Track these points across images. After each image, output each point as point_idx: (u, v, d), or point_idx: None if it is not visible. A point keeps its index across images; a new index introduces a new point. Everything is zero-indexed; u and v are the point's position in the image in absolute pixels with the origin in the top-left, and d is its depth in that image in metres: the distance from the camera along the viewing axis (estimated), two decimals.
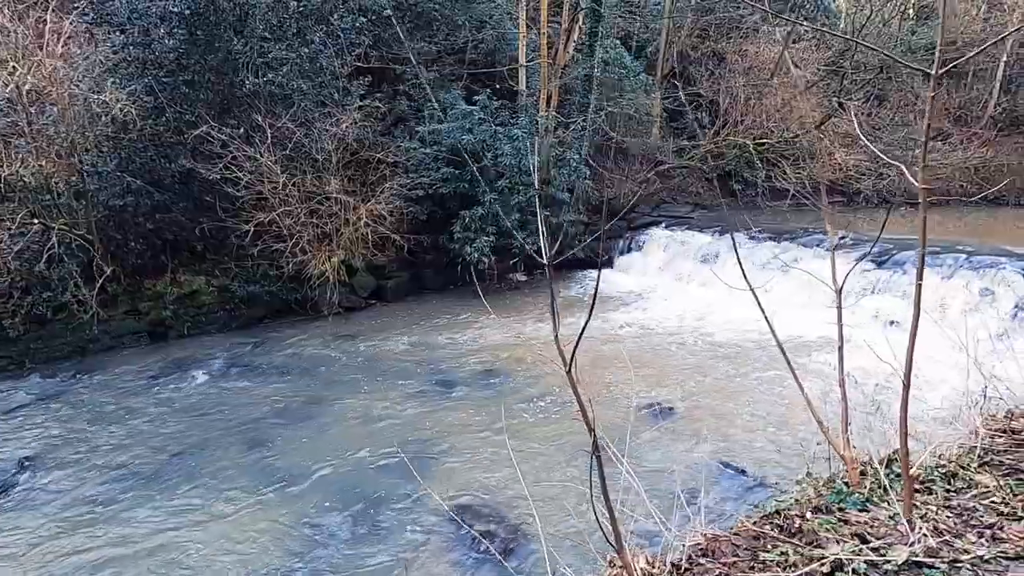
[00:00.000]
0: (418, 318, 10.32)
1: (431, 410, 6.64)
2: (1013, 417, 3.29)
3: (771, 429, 6.15)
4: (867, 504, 2.19)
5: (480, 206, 11.03)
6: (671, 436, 5.98)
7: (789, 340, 8.91)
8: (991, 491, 2.26)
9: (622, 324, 9.79)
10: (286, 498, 5.02)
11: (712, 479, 5.13)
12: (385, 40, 14.09)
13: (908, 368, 2.01)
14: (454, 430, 6.15)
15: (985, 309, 8.43)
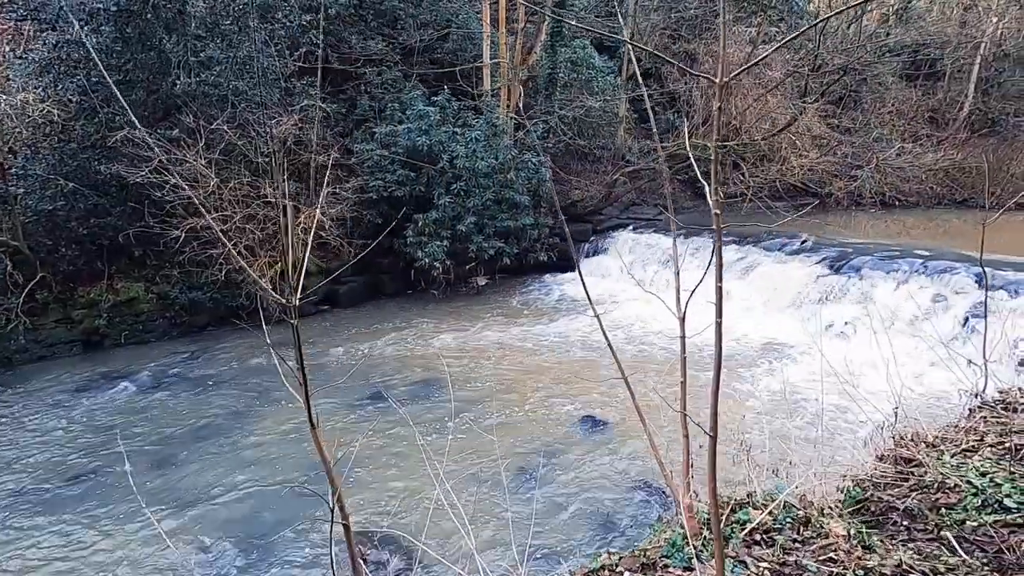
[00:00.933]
0: (369, 325, 10.06)
1: (357, 424, 6.39)
2: (905, 443, 3.09)
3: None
4: (692, 561, 1.98)
5: (435, 210, 10.78)
6: (600, 453, 5.77)
7: (736, 347, 8.76)
8: (838, 543, 2.05)
9: (575, 330, 9.58)
10: (181, 523, 4.75)
11: (626, 501, 4.92)
12: (345, 39, 13.82)
13: (714, 420, 1.79)
14: (375, 447, 5.90)
15: (938, 316, 8.29)
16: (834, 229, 15.24)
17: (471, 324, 9.96)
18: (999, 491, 2.26)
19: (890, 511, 2.47)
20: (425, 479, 5.38)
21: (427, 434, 6.24)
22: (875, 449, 3.63)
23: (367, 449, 5.87)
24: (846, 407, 6.55)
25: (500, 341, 9.11)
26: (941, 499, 2.37)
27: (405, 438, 6.13)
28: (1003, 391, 3.69)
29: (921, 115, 23.25)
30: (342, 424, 6.41)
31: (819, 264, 10.14)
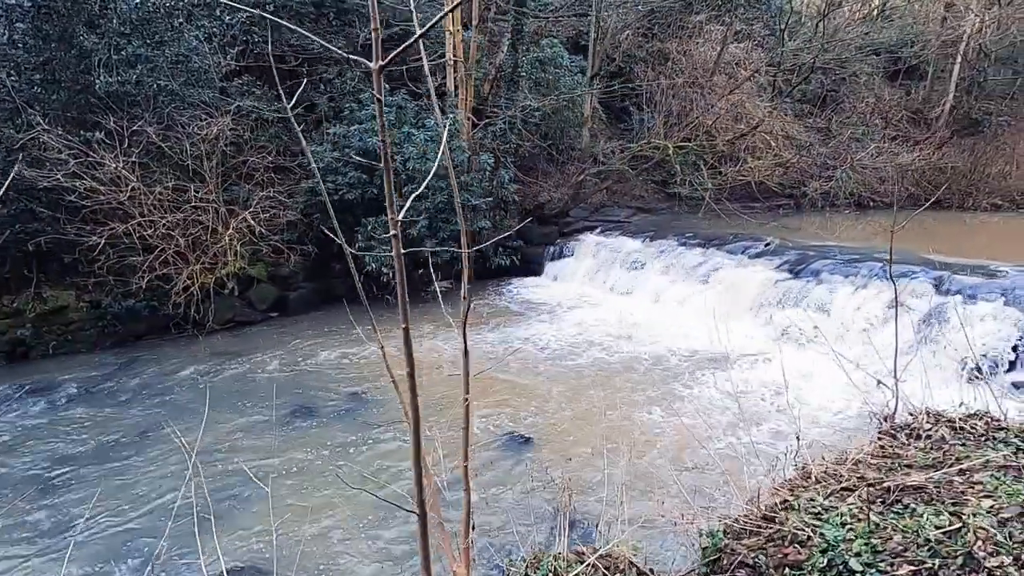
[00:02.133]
0: (315, 333, 9.71)
1: (270, 444, 6.04)
2: (793, 479, 2.78)
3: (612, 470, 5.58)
4: None
5: (384, 213, 10.42)
6: (518, 473, 5.44)
7: (686, 357, 8.45)
8: None
9: (525, 338, 9.25)
10: (52, 558, 4.39)
11: (537, 529, 4.59)
12: (303, 37, 13.47)
13: (419, 495, 1.46)
14: (283, 469, 5.56)
15: (894, 322, 8.00)
16: (813, 231, 14.99)
17: (419, 332, 9.62)
18: (850, 548, 1.95)
19: (741, 567, 2.15)
20: (322, 504, 5.05)
21: (337, 455, 5.90)
22: (773, 481, 3.32)
23: (272, 471, 5.54)
24: (786, 423, 6.25)
25: (444, 350, 8.78)
26: (791, 555, 2.05)
27: (315, 459, 5.79)
28: (915, 413, 3.38)
29: (903, 115, 23.11)
30: (256, 443, 6.05)
31: (779, 268, 9.86)
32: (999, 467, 2.33)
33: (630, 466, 5.06)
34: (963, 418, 3.04)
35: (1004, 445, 2.58)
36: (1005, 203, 15.81)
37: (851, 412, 6.37)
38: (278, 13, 12.99)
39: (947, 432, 2.89)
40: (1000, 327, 6.97)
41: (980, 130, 24.01)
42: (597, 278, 12.29)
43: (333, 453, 5.92)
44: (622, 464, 4.91)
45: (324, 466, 5.66)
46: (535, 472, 5.37)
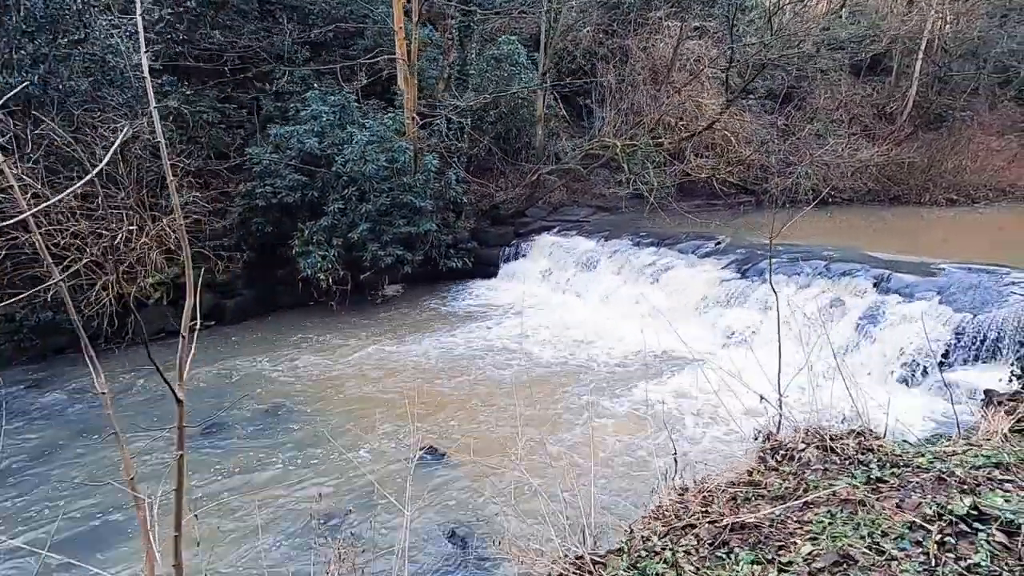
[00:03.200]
0: (248, 342, 9.34)
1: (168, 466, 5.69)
2: (645, 517, 2.54)
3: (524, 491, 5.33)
4: None
5: (325, 216, 10.09)
6: (426, 493, 5.17)
7: (625, 360, 8.26)
8: None
9: (467, 344, 8.98)
10: None
11: (422, 551, 4.33)
12: (249, 35, 13.04)
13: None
14: (193, 488, 5.22)
15: (835, 322, 7.89)
16: (767, 228, 14.93)
17: (358, 339, 9.32)
18: None
19: None
20: (216, 529, 4.74)
21: (253, 469, 5.60)
22: (645, 510, 3.09)
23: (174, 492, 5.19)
24: (718, 429, 6.08)
25: (381, 358, 8.47)
26: None
27: (215, 481, 5.47)
28: (798, 430, 3.17)
29: (868, 111, 23.27)
30: (149, 468, 5.70)
31: (725, 268, 9.72)
32: (841, 500, 2.12)
33: (525, 489, 4.82)
34: (837, 437, 2.84)
35: (863, 471, 2.38)
36: (960, 198, 15.92)
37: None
38: (218, 9, 12.58)
39: (814, 455, 2.68)
40: (933, 326, 6.88)
41: (944, 125, 24.32)
42: (550, 279, 12.07)
43: (254, 465, 5.60)
44: (515, 487, 4.66)
45: (223, 486, 5.34)
46: (440, 491, 5.11)
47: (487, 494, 5.05)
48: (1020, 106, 26.39)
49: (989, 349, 6.49)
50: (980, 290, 7.16)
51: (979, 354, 6.51)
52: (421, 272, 12.42)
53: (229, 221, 10.87)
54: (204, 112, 11.70)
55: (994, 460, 2.28)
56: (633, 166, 12.25)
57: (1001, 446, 2.67)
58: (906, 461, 2.38)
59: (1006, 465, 2.24)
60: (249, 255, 10.91)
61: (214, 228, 11.03)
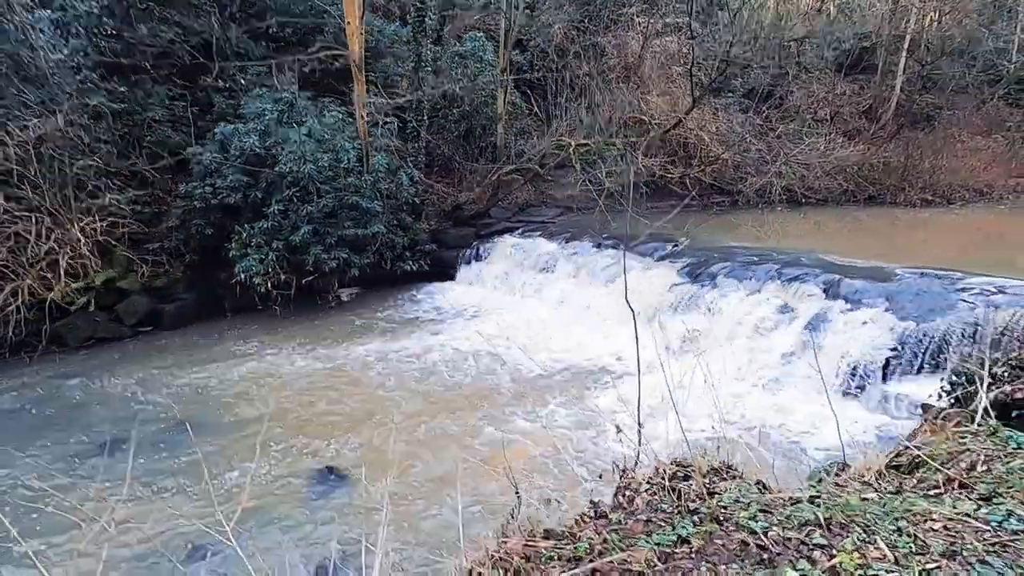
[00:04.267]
0: (180, 350, 8.99)
1: (53, 487, 5.34)
2: None
3: (423, 516, 5.00)
4: None
5: (265, 218, 9.74)
6: (313, 520, 4.83)
7: (569, 367, 7.92)
8: None
9: (400, 352, 8.62)
10: None
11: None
12: (198, 30, 12.67)
13: None
14: (51, 520, 4.88)
15: (781, 329, 7.55)
16: (738, 230, 14.61)
17: (297, 346, 8.97)
18: None
19: None
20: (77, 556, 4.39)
21: (135, 489, 5.25)
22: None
23: (43, 515, 4.86)
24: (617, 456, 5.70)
25: (315, 368, 8.13)
26: None
27: (88, 505, 5.12)
28: (659, 466, 2.82)
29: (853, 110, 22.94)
30: (28, 492, 5.35)
31: (679, 272, 9.39)
32: (624, 571, 1.79)
33: (412, 515, 4.49)
34: (675, 477, 2.51)
35: (683, 525, 2.05)
36: (936, 198, 15.60)
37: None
38: (166, 3, 12.20)
39: (644, 500, 2.35)
40: (877, 334, 6.55)
41: (930, 124, 24.01)
42: (508, 282, 11.73)
43: (140, 486, 5.25)
44: (403, 511, 4.33)
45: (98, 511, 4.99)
46: (325, 516, 4.77)
47: (374, 519, 4.71)
48: (1009, 105, 26.12)
49: (932, 360, 6.17)
50: (928, 297, 6.84)
51: (922, 365, 6.19)
52: (378, 275, 12.08)
53: (172, 222, 10.52)
54: (151, 110, 11.36)
55: (824, 516, 1.96)
56: (586, 166, 11.88)
57: (853, 494, 2.35)
58: (728, 515, 2.05)
59: (834, 523, 1.91)
60: (192, 258, 10.57)
61: (156, 230, 10.70)
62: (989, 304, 6.36)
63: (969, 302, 6.51)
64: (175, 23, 12.27)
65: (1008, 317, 6.06)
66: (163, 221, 10.72)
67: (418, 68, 11.92)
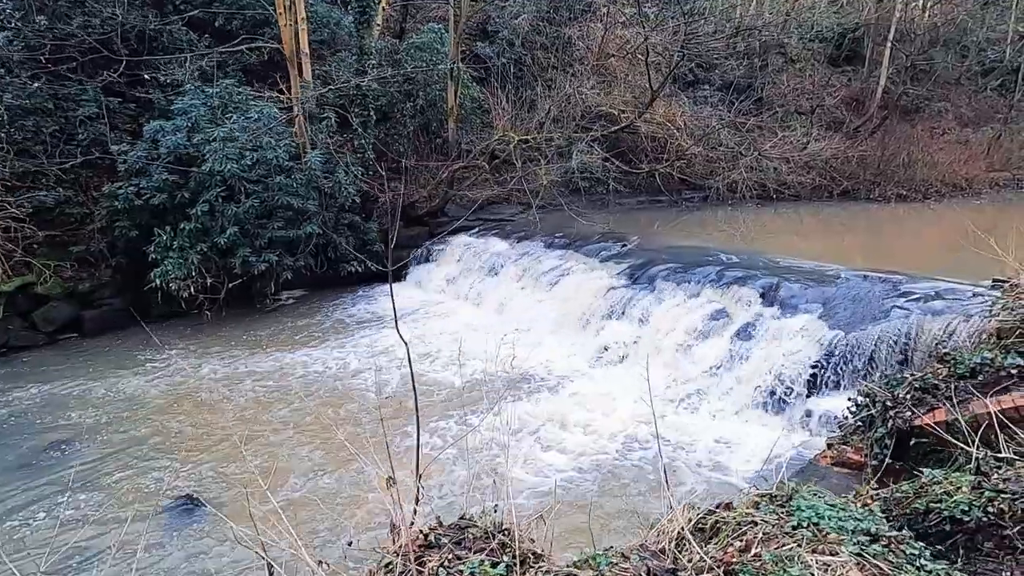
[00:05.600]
0: (94, 358, 8.58)
1: None
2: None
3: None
4: None
5: (188, 220, 9.31)
6: (160, 559, 4.41)
7: (490, 379, 7.47)
8: None
9: (326, 360, 8.20)
10: None
11: None
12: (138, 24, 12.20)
13: None
14: None
15: (714, 337, 7.08)
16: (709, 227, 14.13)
17: (216, 355, 8.57)
18: None
19: None
20: None
21: None
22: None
23: None
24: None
25: (227, 378, 7.71)
26: None
27: None
28: (435, 527, 2.37)
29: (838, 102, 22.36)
30: None
31: (619, 275, 8.92)
32: None
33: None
34: (427, 545, 2.08)
35: None
36: (911, 193, 15.07)
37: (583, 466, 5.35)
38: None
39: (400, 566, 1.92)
40: (805, 344, 6.09)
41: (918, 116, 23.40)
42: (455, 284, 11.29)
43: None
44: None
45: None
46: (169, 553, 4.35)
47: (226, 558, 4.30)
48: (1002, 96, 25.45)
49: (859, 372, 5.71)
50: (864, 303, 6.37)
51: (848, 378, 5.73)
52: (324, 276, 11.67)
53: (98, 224, 10.11)
54: (84, 106, 10.93)
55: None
56: (525, 161, 11.40)
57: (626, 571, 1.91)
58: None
59: None
60: (120, 261, 10.16)
61: (84, 231, 10.29)
62: (926, 312, 5.90)
63: (905, 309, 6.04)
64: (108, 16, 11.83)
65: (942, 327, 5.60)
66: (92, 223, 10.31)
67: (361, 60, 11.43)
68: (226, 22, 13.27)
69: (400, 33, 16.52)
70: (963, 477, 2.37)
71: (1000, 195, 15.67)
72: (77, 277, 9.86)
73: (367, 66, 11.53)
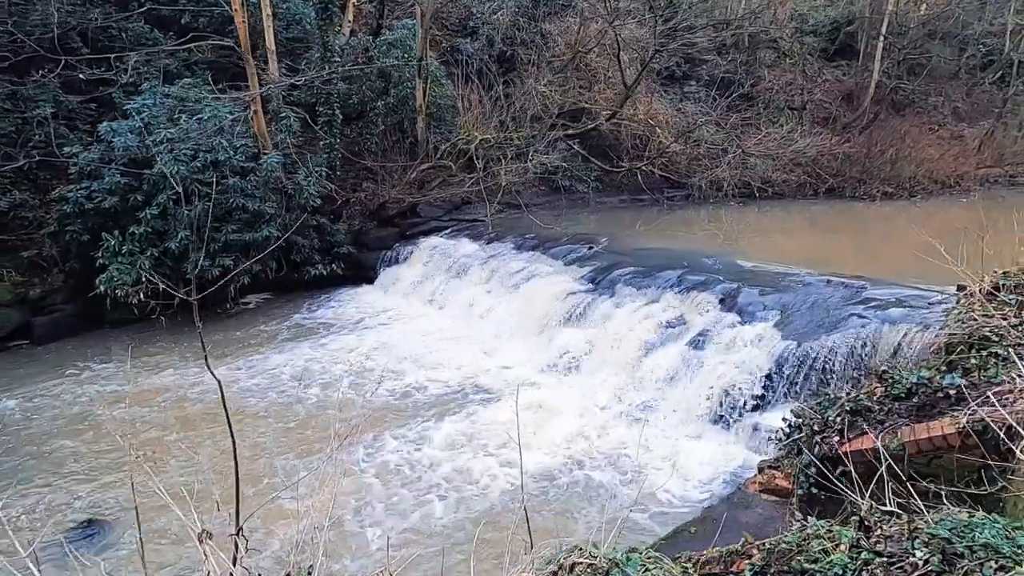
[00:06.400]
0: (35, 368, 8.33)
1: None
2: None
3: None
4: None
5: (137, 223, 9.05)
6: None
7: (439, 389, 7.19)
8: None
9: (276, 368, 7.91)
10: None
11: None
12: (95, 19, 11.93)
13: None
14: None
15: (670, 345, 6.77)
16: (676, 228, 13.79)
17: (163, 363, 8.32)
18: None
19: None
20: None
21: None
22: None
23: None
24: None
25: (166, 388, 7.46)
26: None
27: None
28: None
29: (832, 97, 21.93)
30: None
31: (581, 278, 8.61)
32: None
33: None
34: None
35: None
36: (897, 191, 14.68)
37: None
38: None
39: None
40: (757, 354, 5.78)
41: (916, 112, 22.93)
42: (421, 288, 10.99)
43: None
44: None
45: None
46: None
47: None
48: (1001, 91, 24.94)
49: (810, 385, 5.39)
50: (821, 310, 6.05)
51: (801, 392, 5.42)
52: (290, 280, 11.43)
53: (51, 228, 9.85)
54: (40, 106, 10.68)
55: None
56: (487, 161, 11.10)
57: None
58: None
59: None
60: (73, 265, 9.90)
61: (38, 235, 10.04)
62: (884, 320, 5.58)
63: (863, 317, 5.72)
64: (68, 11, 11.56)
65: (898, 337, 5.28)
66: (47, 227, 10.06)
67: (324, 57, 11.13)
68: (192, 19, 12.97)
69: (377, 30, 16.22)
70: (844, 532, 2.06)
71: (991, 192, 15.25)
72: (28, 283, 9.62)
73: (333, 64, 11.23)
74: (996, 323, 4.01)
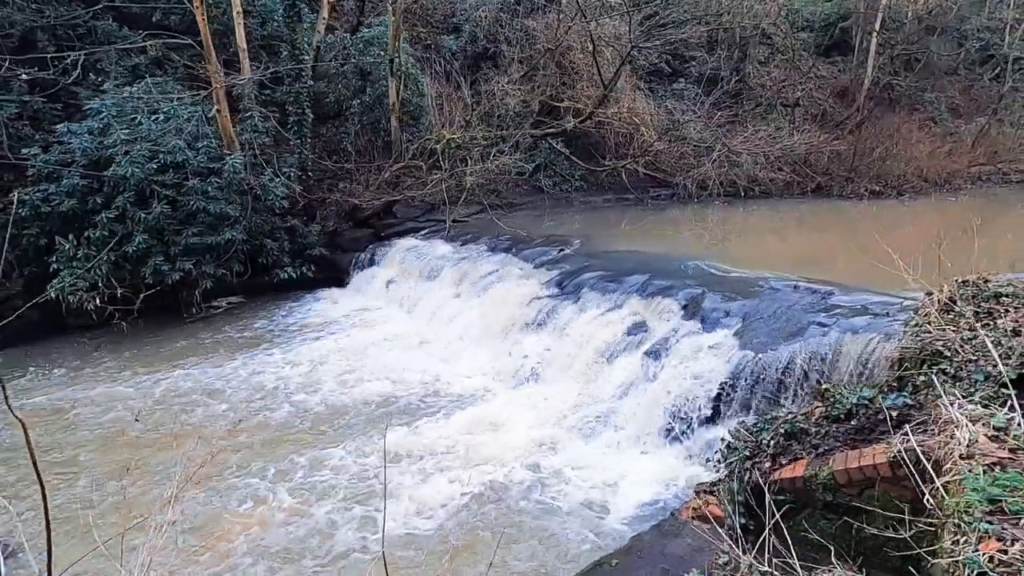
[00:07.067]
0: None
1: None
2: None
3: None
4: None
5: (94, 227, 8.82)
6: None
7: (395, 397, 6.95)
8: None
9: (226, 376, 7.68)
10: None
11: None
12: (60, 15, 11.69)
13: None
14: None
15: (629, 353, 6.51)
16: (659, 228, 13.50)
17: (115, 370, 8.10)
18: None
19: None
20: None
21: None
22: None
23: None
24: None
25: (107, 397, 7.22)
26: None
27: None
28: None
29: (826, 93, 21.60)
30: None
31: (547, 283, 8.34)
32: None
33: None
34: None
35: None
36: (886, 189, 14.35)
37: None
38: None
39: None
40: (713, 365, 5.52)
41: (914, 108, 22.56)
42: (392, 291, 10.75)
43: None
44: None
45: None
46: None
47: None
48: (999, 86, 24.53)
49: (768, 398, 5.13)
50: (783, 318, 5.78)
51: (756, 406, 5.16)
52: (262, 283, 11.22)
53: (11, 232, 9.63)
54: (3, 107, 10.45)
55: None
56: (455, 161, 10.84)
57: None
58: None
59: None
60: (34, 270, 9.68)
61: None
62: (846, 329, 5.31)
63: (824, 326, 5.45)
64: (32, 8, 11.34)
65: (860, 347, 5.01)
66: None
67: (292, 55, 10.87)
68: (163, 17, 12.74)
69: (356, 27, 15.96)
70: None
71: (982, 190, 14.90)
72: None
73: (302, 62, 10.98)
74: (949, 336, 3.74)
